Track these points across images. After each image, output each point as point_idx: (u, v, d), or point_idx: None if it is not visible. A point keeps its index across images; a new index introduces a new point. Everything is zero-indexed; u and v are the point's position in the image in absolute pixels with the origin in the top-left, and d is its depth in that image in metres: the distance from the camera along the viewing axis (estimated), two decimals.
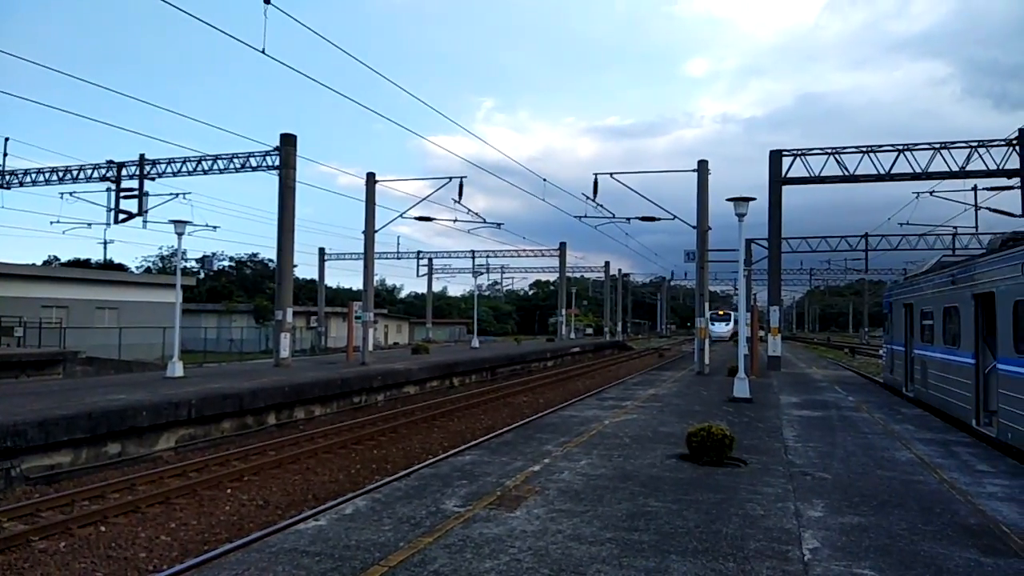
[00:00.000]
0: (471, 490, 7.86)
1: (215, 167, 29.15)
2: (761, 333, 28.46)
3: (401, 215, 32.52)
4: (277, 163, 27.64)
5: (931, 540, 6.33)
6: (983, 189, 31.38)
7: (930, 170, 25.59)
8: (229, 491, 12.27)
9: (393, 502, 7.31)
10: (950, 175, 25.64)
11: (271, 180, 28.39)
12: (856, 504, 7.56)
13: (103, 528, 10.19)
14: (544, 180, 28.46)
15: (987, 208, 32.71)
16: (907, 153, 25.73)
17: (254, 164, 28.37)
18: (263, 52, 10.59)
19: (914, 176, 25.91)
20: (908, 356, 18.71)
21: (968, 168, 25.07)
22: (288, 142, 27.60)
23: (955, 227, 38.40)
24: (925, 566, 5.64)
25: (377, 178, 31.34)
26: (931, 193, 30.41)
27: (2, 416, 12.54)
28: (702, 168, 25.93)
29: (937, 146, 25.43)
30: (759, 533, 6.43)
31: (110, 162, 29.93)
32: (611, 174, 26.43)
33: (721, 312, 71.88)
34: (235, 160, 28.69)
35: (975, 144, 24.81)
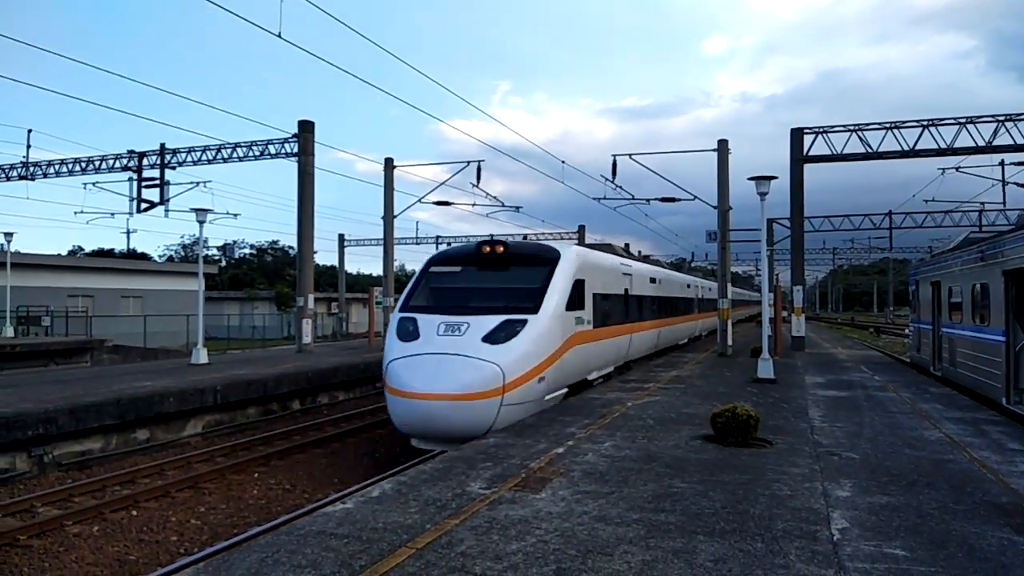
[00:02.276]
0: (496, 472, 7.87)
1: (235, 155, 29.29)
2: (784, 313, 28.15)
3: (420, 200, 32.36)
4: (295, 150, 27.70)
5: (963, 519, 6.24)
6: (1011, 164, 30.79)
7: (955, 146, 25.06)
8: (256, 475, 12.43)
9: (419, 484, 7.34)
10: (976, 150, 25.09)
11: (290, 167, 28.47)
12: (885, 484, 7.47)
13: (135, 512, 10.37)
14: (563, 162, 28.27)
15: (1015, 183, 32.08)
16: (932, 129, 25.23)
17: (273, 151, 28.48)
18: (279, 36, 10.56)
19: (939, 152, 25.40)
20: (936, 335, 18.46)
21: (995, 143, 24.54)
22: (306, 129, 27.63)
23: (982, 203, 37.64)
24: (957, 545, 5.57)
25: (395, 163, 31.35)
26: (957, 169, 29.86)
27: (33, 403, 12.76)
28: (722, 148, 25.62)
29: (963, 121, 24.89)
30: (787, 513, 6.39)
31: (131, 152, 30.19)
32: (630, 155, 26.19)
33: None
34: (254, 147, 28.81)
35: (1002, 118, 24.25)
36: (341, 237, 63.76)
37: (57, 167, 32.46)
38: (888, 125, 25.69)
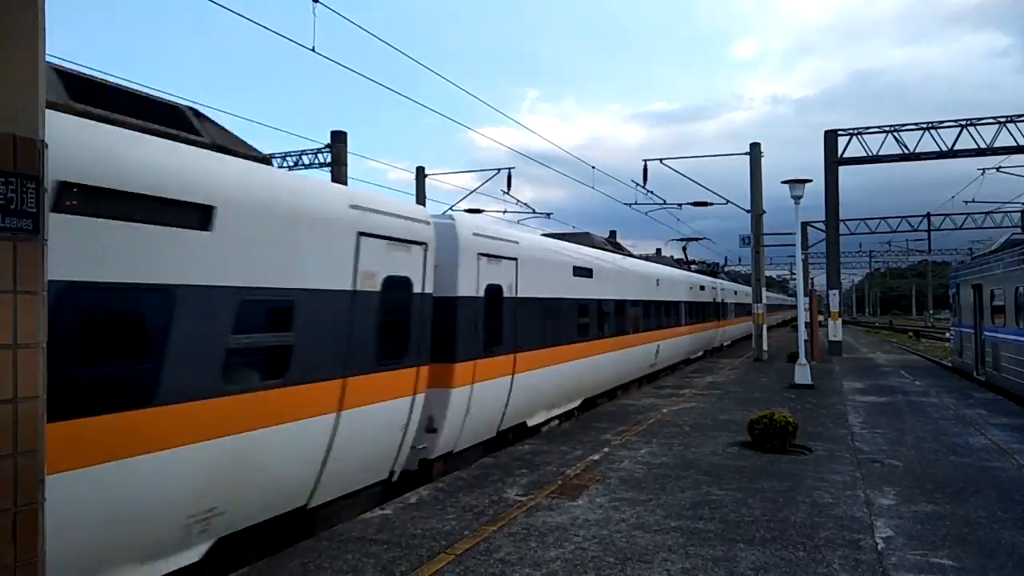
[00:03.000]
0: (532, 479, 7.87)
1: None
2: (820, 318, 27.74)
3: (451, 208, 32.57)
4: (329, 160, 28.08)
5: (1012, 528, 6.09)
6: None
7: (995, 145, 24.52)
8: None
9: (456, 491, 7.37)
10: (1017, 150, 24.49)
11: (324, 177, 28.86)
12: (929, 492, 7.32)
13: None
14: (593, 168, 28.28)
15: None
16: (970, 128, 24.71)
17: (307, 162, 28.88)
18: (313, 50, 10.70)
19: (979, 152, 24.86)
20: (978, 338, 18.02)
21: None
22: (339, 139, 27.99)
23: None
24: (1007, 555, 5.44)
25: (426, 172, 31.59)
26: (997, 169, 29.10)
27: None
28: (755, 151, 25.37)
29: (1003, 120, 24.34)
30: (829, 522, 6.29)
31: None
32: (661, 160, 26.05)
33: None
34: (288, 158, 29.24)
35: None
36: None
37: None
38: (925, 125, 25.22)
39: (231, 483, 5.24)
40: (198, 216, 4.89)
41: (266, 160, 6.23)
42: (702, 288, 26.04)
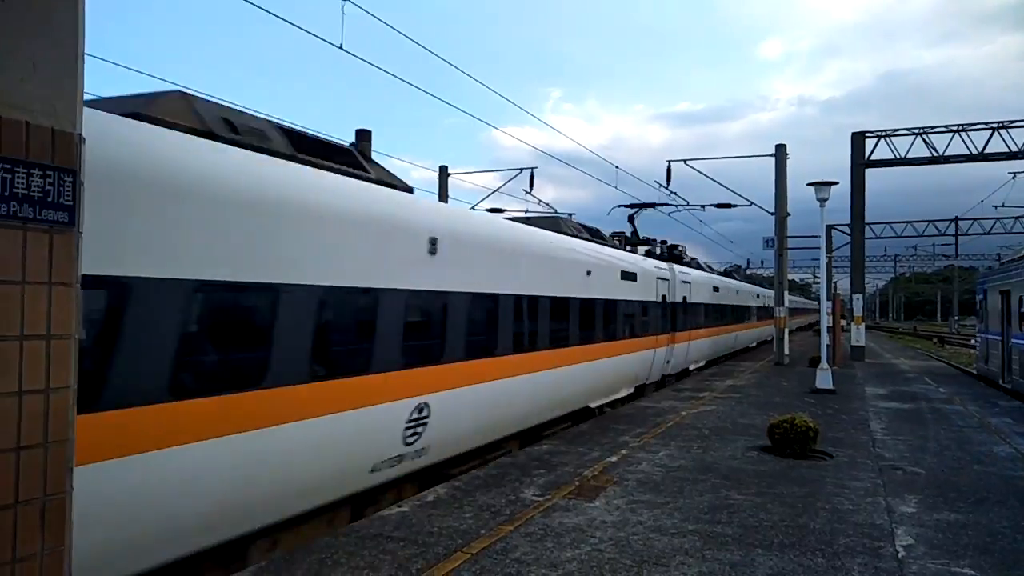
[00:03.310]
0: (549, 479, 7.88)
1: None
2: (843, 322, 27.45)
3: (473, 207, 32.61)
4: None
5: None
6: None
7: None
8: None
9: (473, 490, 7.40)
10: None
11: None
12: (952, 500, 7.23)
13: None
14: (616, 167, 28.20)
15: None
16: (1002, 131, 24.34)
17: None
18: (341, 48, 10.78)
19: (1010, 155, 24.49)
20: (1005, 346, 17.74)
21: None
22: (364, 138, 27.90)
23: None
24: None
25: (449, 171, 31.65)
26: None
27: None
28: (780, 152, 25.14)
29: None
30: (848, 528, 6.24)
31: None
32: (684, 161, 25.91)
33: None
34: None
35: None
36: None
37: None
38: (955, 128, 24.87)
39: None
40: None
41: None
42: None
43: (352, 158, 7.48)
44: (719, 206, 28.36)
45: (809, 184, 17.20)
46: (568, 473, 8.19)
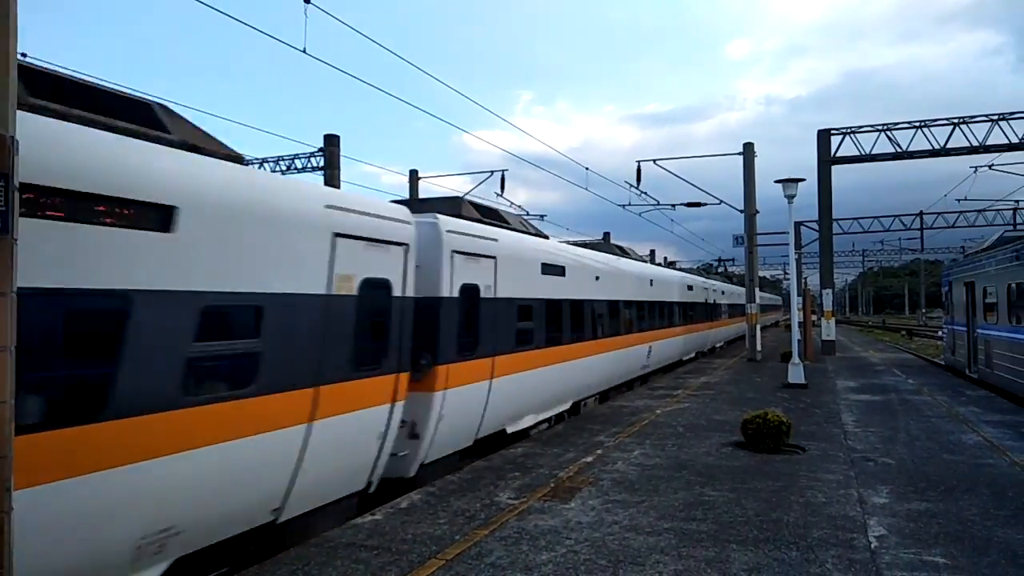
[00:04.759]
0: (524, 482, 7.82)
1: (261, 170, 29.65)
2: (814, 317, 27.75)
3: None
4: (322, 164, 27.98)
5: (1005, 525, 6.07)
6: None
7: (988, 143, 24.61)
8: None
9: (447, 495, 7.32)
10: (1010, 147, 24.62)
11: (317, 181, 28.77)
12: (923, 490, 7.30)
13: None
14: (587, 169, 28.28)
15: None
16: (963, 127, 24.80)
17: (300, 165, 28.81)
18: (304, 51, 10.63)
19: (971, 150, 24.97)
20: (971, 336, 18.06)
21: None
22: (332, 142, 27.88)
23: (1017, 201, 36.79)
24: (1000, 552, 5.42)
25: (420, 175, 31.50)
26: (990, 167, 29.19)
27: None
28: (748, 151, 25.38)
29: (995, 118, 24.44)
30: (822, 521, 6.26)
31: None
32: (654, 161, 26.04)
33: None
34: (281, 162, 29.14)
35: None
36: None
37: None
38: (918, 124, 25.29)
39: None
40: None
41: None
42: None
43: (150, 115, 5.27)
44: (689, 205, 28.55)
45: (777, 181, 17.37)
46: (543, 475, 8.13)
